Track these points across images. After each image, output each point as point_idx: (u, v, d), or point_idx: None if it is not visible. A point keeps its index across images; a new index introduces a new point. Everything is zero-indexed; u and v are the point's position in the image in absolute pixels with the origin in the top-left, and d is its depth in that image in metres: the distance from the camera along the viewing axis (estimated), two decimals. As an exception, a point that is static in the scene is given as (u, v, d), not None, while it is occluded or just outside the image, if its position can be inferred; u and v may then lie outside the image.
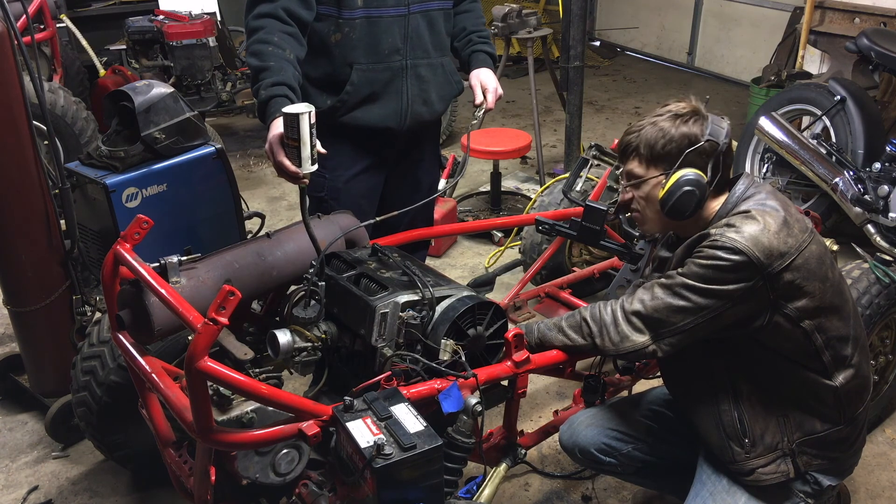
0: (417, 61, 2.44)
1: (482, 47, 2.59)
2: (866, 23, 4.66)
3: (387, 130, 2.47)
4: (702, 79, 7.37)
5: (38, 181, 2.53)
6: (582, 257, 3.54)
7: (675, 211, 1.74)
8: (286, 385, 2.14)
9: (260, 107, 2.13)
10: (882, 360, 2.66)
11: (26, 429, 2.89)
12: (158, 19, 5.14)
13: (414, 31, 2.41)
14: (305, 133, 1.79)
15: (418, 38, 2.42)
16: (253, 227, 2.90)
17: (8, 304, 2.70)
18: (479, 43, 2.60)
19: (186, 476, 1.88)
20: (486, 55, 2.59)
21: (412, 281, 1.88)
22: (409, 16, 2.39)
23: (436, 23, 2.47)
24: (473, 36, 2.60)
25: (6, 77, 2.39)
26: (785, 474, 1.79)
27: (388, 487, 1.46)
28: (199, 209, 2.57)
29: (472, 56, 2.59)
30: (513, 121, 6.34)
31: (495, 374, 1.85)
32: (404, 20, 2.38)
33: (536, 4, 7.79)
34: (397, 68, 2.41)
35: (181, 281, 1.88)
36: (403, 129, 2.49)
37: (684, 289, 1.69)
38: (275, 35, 2.18)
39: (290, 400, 1.60)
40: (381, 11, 2.34)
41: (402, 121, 2.47)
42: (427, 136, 2.70)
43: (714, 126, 1.75)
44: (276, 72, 2.13)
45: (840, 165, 3.75)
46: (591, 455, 2.08)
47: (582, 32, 4.42)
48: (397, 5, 2.35)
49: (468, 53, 2.60)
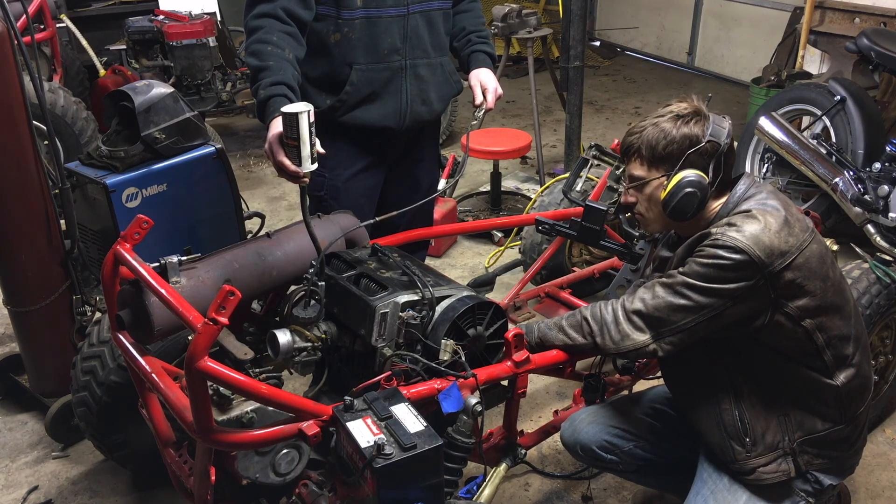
0: (417, 61, 2.44)
1: (481, 47, 2.59)
2: (866, 23, 4.66)
3: (386, 130, 2.47)
4: (702, 79, 7.37)
5: (38, 181, 2.53)
6: (582, 257, 3.54)
7: (677, 212, 1.75)
8: (286, 385, 2.14)
9: (259, 106, 2.13)
10: (882, 360, 2.66)
11: (26, 429, 2.89)
12: (158, 19, 5.14)
13: (413, 32, 2.41)
14: (305, 132, 1.79)
15: (417, 39, 2.42)
16: (253, 227, 2.90)
17: (8, 304, 2.70)
18: (479, 43, 2.60)
19: (186, 476, 1.88)
20: (486, 55, 2.59)
21: (412, 281, 1.88)
22: (409, 16, 2.38)
23: (435, 23, 2.47)
24: (473, 36, 2.60)
25: (6, 77, 2.39)
26: (786, 473, 1.80)
27: (389, 487, 1.46)
28: (199, 209, 2.57)
29: (472, 56, 2.59)
30: (513, 121, 6.34)
31: (495, 374, 1.85)
32: (403, 20, 2.38)
33: (536, 4, 7.79)
34: (396, 68, 2.41)
35: (181, 281, 1.88)
36: (403, 128, 2.49)
37: (685, 287, 1.69)
38: (274, 35, 2.18)
39: (290, 400, 1.60)
40: (381, 11, 2.34)
41: (401, 120, 2.47)
42: (426, 135, 2.70)
43: (715, 126, 1.75)
44: (276, 71, 2.12)
45: (840, 165, 3.75)
46: (593, 452, 2.08)
47: (582, 32, 4.42)
48: (397, 5, 2.35)
49: (467, 53, 2.60)
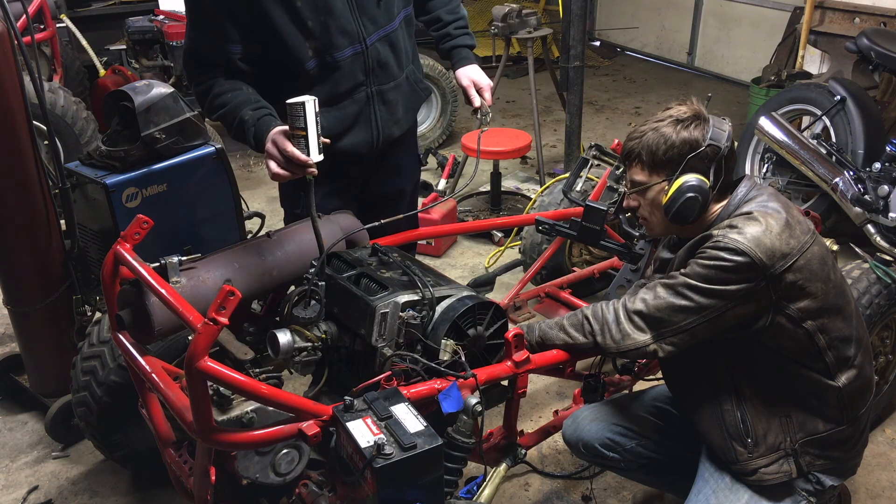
0: (383, 87, 2.32)
1: (462, 41, 2.49)
2: (866, 23, 4.66)
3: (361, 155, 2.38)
4: (702, 79, 7.37)
5: (38, 181, 2.53)
6: (582, 257, 3.54)
7: (679, 216, 1.75)
8: (286, 385, 2.13)
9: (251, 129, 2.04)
10: (882, 361, 2.66)
11: (26, 429, 2.89)
12: (158, 19, 5.15)
13: (375, 62, 2.27)
14: (312, 120, 1.80)
15: (381, 67, 2.29)
16: (253, 227, 2.90)
17: (8, 304, 2.70)
18: (459, 36, 2.49)
19: (186, 476, 1.88)
20: (468, 48, 2.47)
21: (412, 281, 1.88)
22: (368, 49, 2.23)
23: (398, 41, 2.32)
24: (451, 28, 2.49)
25: (6, 77, 2.39)
26: (787, 474, 1.80)
27: (389, 487, 1.46)
28: (199, 209, 2.57)
29: (454, 52, 2.49)
30: (513, 121, 6.34)
31: (495, 374, 1.85)
32: (363, 56, 2.23)
33: (536, 4, 7.79)
34: (363, 99, 2.29)
35: (181, 281, 1.88)
36: (376, 151, 2.40)
37: (686, 288, 1.70)
38: (226, 84, 2.11)
39: (290, 400, 1.60)
40: (336, 56, 2.18)
41: (374, 146, 2.37)
42: (401, 143, 2.54)
43: (715, 130, 1.74)
44: (251, 101, 2.07)
45: (840, 165, 3.75)
46: (595, 450, 2.08)
47: (582, 32, 4.43)
48: (352, 44, 2.20)
49: (448, 48, 2.51)
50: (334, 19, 2.15)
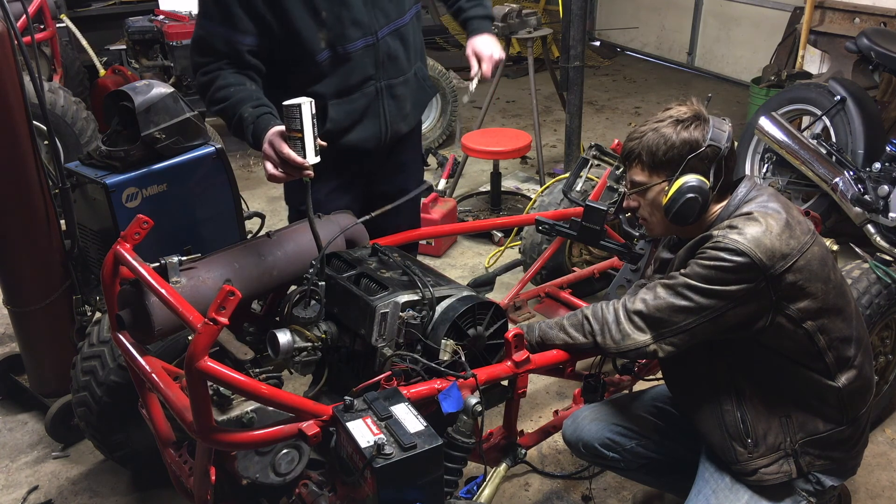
0: (392, 81, 2.34)
1: (474, 12, 2.49)
2: (866, 23, 4.66)
3: (368, 150, 2.40)
4: (702, 79, 7.37)
5: (38, 181, 2.53)
6: (582, 257, 3.54)
7: (679, 217, 1.75)
8: (286, 385, 2.13)
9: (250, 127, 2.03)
10: (882, 361, 2.66)
11: (26, 429, 2.89)
12: (158, 19, 5.14)
13: (386, 56, 2.29)
14: (308, 122, 1.80)
15: (392, 61, 2.31)
16: (253, 227, 2.90)
17: (8, 304, 2.70)
18: (470, 8, 2.50)
19: (186, 476, 1.88)
20: (480, 19, 2.48)
21: (412, 281, 1.88)
22: (379, 42, 2.26)
23: (408, 35, 2.35)
24: (462, 2, 2.51)
25: (6, 77, 2.39)
26: (788, 475, 1.80)
27: (389, 487, 1.46)
28: (199, 209, 2.57)
29: (467, 25, 2.49)
30: (513, 121, 6.34)
31: (495, 374, 1.85)
32: (374, 48, 2.25)
33: (536, 4, 7.79)
34: (372, 93, 2.31)
35: (181, 281, 1.88)
36: (384, 146, 2.43)
37: (687, 289, 1.70)
38: (231, 78, 2.11)
39: (290, 400, 1.60)
40: (348, 48, 2.20)
41: (382, 141, 2.40)
42: (407, 140, 2.58)
43: (715, 130, 1.74)
44: (253, 98, 2.07)
45: (840, 165, 3.75)
46: (595, 450, 2.08)
47: (582, 32, 4.43)
48: (364, 35, 2.22)
49: (461, 21, 2.51)
50: (348, 10, 2.17)
